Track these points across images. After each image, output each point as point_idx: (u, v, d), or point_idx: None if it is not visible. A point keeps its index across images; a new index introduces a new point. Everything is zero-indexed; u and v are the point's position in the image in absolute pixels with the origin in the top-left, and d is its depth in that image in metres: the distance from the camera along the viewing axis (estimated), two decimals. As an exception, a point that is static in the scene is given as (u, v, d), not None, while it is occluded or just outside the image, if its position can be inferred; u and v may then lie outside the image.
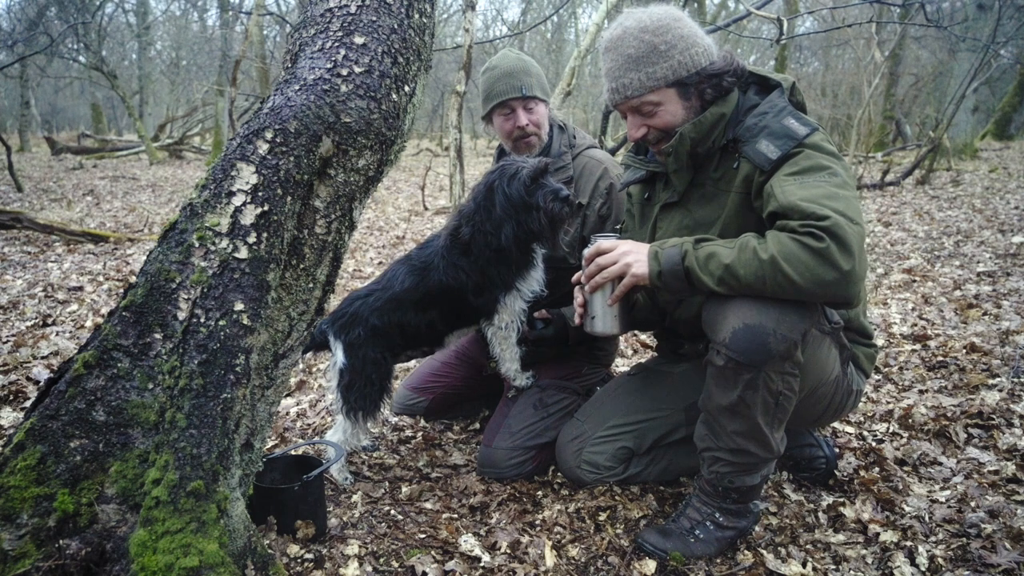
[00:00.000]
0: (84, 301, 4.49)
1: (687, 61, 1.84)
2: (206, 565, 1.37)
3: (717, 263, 1.69)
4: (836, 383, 1.91)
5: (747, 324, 1.66)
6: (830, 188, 1.66)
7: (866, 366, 2.05)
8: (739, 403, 1.74)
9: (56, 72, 21.91)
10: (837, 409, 2.00)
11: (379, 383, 2.30)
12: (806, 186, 1.66)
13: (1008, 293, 4.39)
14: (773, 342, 1.65)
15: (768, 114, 1.82)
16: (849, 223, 1.58)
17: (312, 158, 1.61)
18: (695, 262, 1.72)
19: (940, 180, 10.48)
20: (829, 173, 1.69)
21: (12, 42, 14.18)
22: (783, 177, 1.71)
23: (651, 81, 1.84)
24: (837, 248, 1.56)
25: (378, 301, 2.33)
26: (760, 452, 1.82)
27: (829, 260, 1.56)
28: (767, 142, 1.76)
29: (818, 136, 1.77)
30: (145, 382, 1.47)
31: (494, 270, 2.24)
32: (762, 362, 1.67)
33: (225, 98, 13.31)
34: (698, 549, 1.89)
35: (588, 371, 2.61)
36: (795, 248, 1.59)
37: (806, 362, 1.75)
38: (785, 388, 1.74)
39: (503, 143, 2.63)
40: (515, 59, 2.54)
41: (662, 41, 1.83)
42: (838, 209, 1.59)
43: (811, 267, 1.57)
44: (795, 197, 1.63)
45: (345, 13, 1.72)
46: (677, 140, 1.88)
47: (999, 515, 2.00)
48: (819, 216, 1.57)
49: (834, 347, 1.86)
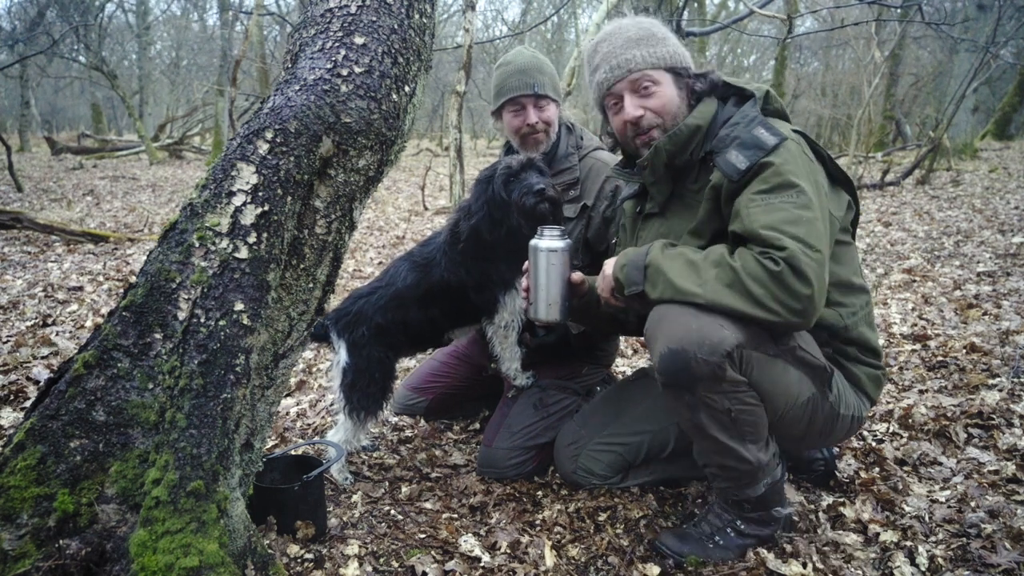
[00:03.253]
0: (84, 301, 4.49)
1: (680, 53, 1.95)
2: (206, 565, 1.37)
3: (684, 259, 1.73)
4: (812, 406, 1.83)
5: (671, 348, 1.68)
6: (793, 211, 1.67)
7: (869, 388, 1.96)
8: (692, 423, 1.76)
9: (56, 72, 21.92)
10: (824, 433, 1.92)
11: (382, 382, 2.30)
12: (771, 210, 1.69)
13: (1008, 293, 4.39)
14: (695, 365, 1.65)
15: (740, 124, 1.83)
16: (806, 251, 1.62)
17: (312, 158, 1.61)
18: (660, 254, 1.77)
19: (940, 180, 10.48)
20: (797, 192, 1.70)
21: (12, 42, 14.18)
22: (751, 195, 1.73)
23: (652, 58, 1.91)
24: (793, 275, 1.60)
25: (381, 299, 2.33)
26: (740, 466, 1.80)
27: (784, 284, 1.61)
28: (736, 152, 1.77)
29: (787, 147, 1.75)
30: (145, 382, 1.47)
31: (492, 268, 2.24)
32: (690, 384, 1.69)
33: (225, 98, 13.31)
34: (716, 554, 1.88)
35: (588, 371, 2.61)
36: (756, 267, 1.64)
37: (762, 385, 1.73)
38: (735, 405, 1.72)
39: (511, 139, 2.62)
40: (530, 57, 2.54)
41: (659, 30, 1.96)
42: (797, 236, 1.64)
43: (768, 287, 1.62)
44: (757, 224, 1.67)
45: (345, 13, 1.72)
46: (653, 153, 1.90)
47: (999, 515, 2.00)
48: (777, 246, 1.62)
49: (795, 369, 1.79)
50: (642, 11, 6.42)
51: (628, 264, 1.81)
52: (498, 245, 2.21)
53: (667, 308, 1.72)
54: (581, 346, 2.51)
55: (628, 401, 2.31)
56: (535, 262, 1.96)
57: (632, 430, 2.22)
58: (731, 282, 1.65)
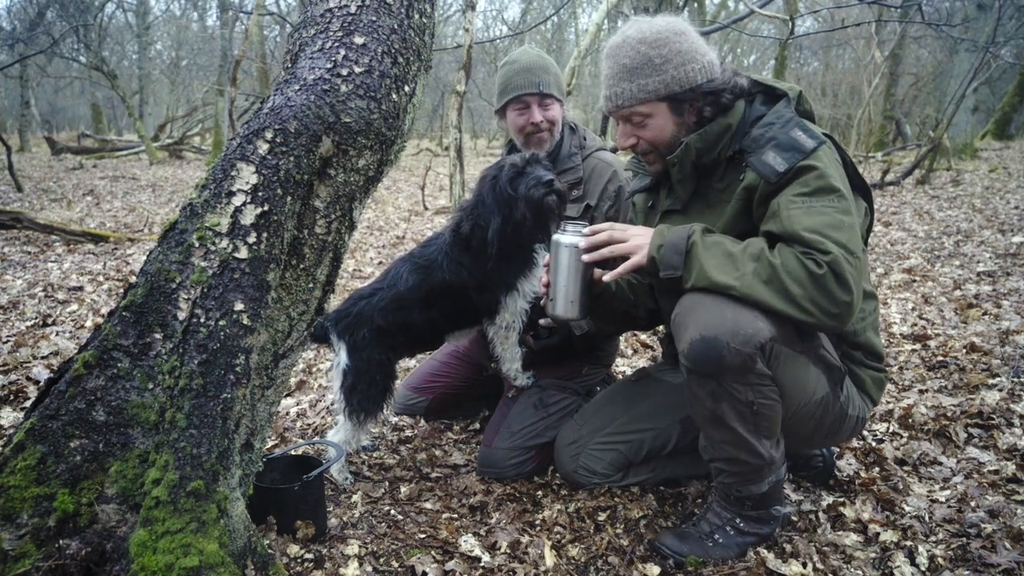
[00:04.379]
0: (84, 301, 4.49)
1: (681, 77, 1.82)
2: (206, 565, 1.37)
3: (722, 249, 1.71)
4: (824, 405, 1.85)
5: (703, 336, 1.67)
6: (836, 216, 1.67)
7: (872, 391, 1.98)
8: (713, 412, 1.75)
9: (56, 72, 21.93)
10: (830, 433, 1.93)
11: (382, 384, 2.30)
12: (812, 212, 1.67)
13: (1008, 293, 4.39)
14: (727, 355, 1.65)
15: (775, 125, 1.80)
16: (848, 257, 1.62)
17: (312, 158, 1.61)
18: (700, 241, 1.74)
19: (940, 180, 10.48)
20: (837, 197, 1.69)
21: (12, 42, 14.18)
22: (791, 197, 1.71)
23: (642, 93, 1.84)
24: (835, 281, 1.61)
25: (382, 300, 2.32)
26: (752, 460, 1.80)
27: (825, 289, 1.61)
28: (774, 153, 1.75)
29: (825, 151, 1.75)
30: (145, 382, 1.47)
31: (494, 268, 2.24)
32: (718, 373, 1.68)
33: (225, 98, 13.31)
34: (716, 553, 1.88)
35: (588, 371, 2.61)
36: (797, 266, 1.63)
37: (783, 380, 1.74)
38: (758, 398, 1.72)
39: (514, 138, 2.62)
40: (535, 56, 2.54)
41: (658, 55, 1.82)
42: (840, 241, 1.63)
43: (808, 288, 1.62)
44: (799, 226, 1.66)
45: (345, 13, 1.72)
46: (683, 150, 1.87)
47: (999, 515, 2.00)
48: (821, 250, 1.62)
49: (815, 367, 1.81)
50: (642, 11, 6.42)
51: (666, 245, 1.76)
52: (503, 244, 2.20)
53: (700, 296, 1.72)
54: (583, 347, 2.51)
55: (629, 400, 2.31)
56: (556, 257, 1.91)
57: (633, 428, 2.22)
58: (769, 278, 1.65)
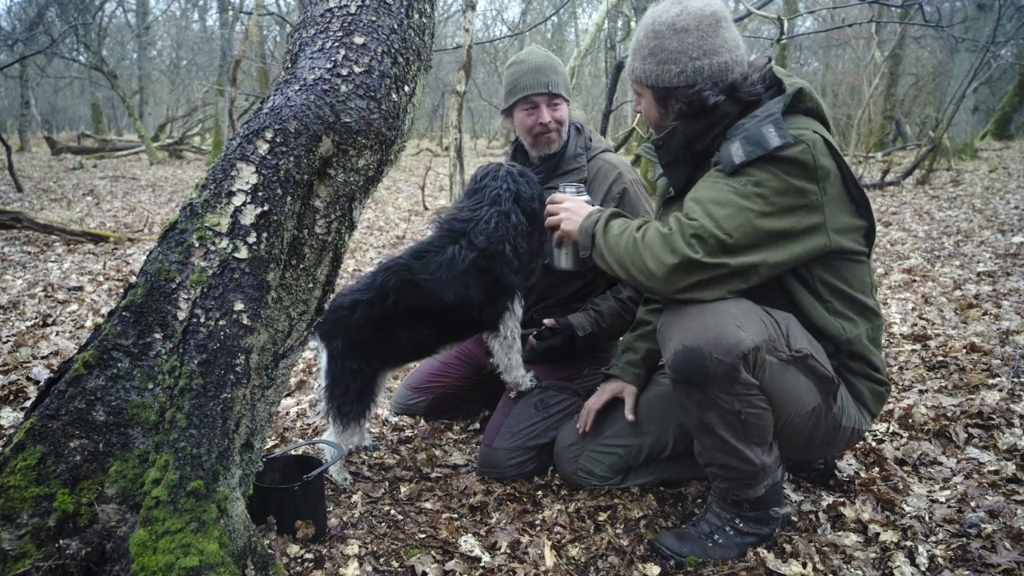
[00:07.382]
0: (84, 301, 4.49)
1: (678, 73, 1.83)
2: (206, 565, 1.37)
3: (619, 229, 1.84)
4: (816, 415, 1.82)
5: (686, 346, 1.68)
6: (728, 195, 1.70)
7: (871, 404, 1.95)
8: (701, 421, 1.76)
9: (56, 72, 21.91)
10: (824, 443, 1.91)
11: (360, 393, 2.23)
12: (711, 188, 1.75)
13: (1008, 293, 4.39)
14: (711, 365, 1.65)
15: (756, 118, 1.78)
16: (714, 229, 1.67)
17: (312, 158, 1.61)
18: (604, 225, 1.87)
19: (940, 180, 10.48)
20: (750, 183, 1.70)
21: (12, 42, 14.18)
22: (714, 173, 1.79)
23: (635, 73, 1.94)
24: (680, 239, 1.69)
25: (363, 316, 2.20)
26: (744, 466, 1.80)
27: (654, 248, 1.71)
28: (739, 144, 1.74)
29: (794, 151, 1.69)
30: (145, 382, 1.47)
31: (501, 277, 2.20)
32: (704, 384, 1.68)
33: (225, 98, 13.30)
34: (716, 553, 1.88)
35: (589, 372, 2.60)
36: (653, 231, 1.75)
37: (771, 390, 1.73)
38: (745, 407, 1.71)
39: (522, 138, 2.61)
40: (543, 56, 2.53)
41: (670, 47, 1.83)
42: (714, 215, 1.68)
43: (641, 248, 1.74)
44: (690, 196, 1.77)
45: (345, 13, 1.72)
46: (669, 134, 1.90)
47: (999, 515, 2.00)
48: (689, 216, 1.71)
49: (805, 377, 1.78)
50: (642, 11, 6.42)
51: (584, 229, 1.92)
52: (512, 254, 2.21)
53: (683, 306, 1.73)
54: (585, 348, 2.51)
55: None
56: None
57: (633, 432, 2.22)
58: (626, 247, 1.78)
